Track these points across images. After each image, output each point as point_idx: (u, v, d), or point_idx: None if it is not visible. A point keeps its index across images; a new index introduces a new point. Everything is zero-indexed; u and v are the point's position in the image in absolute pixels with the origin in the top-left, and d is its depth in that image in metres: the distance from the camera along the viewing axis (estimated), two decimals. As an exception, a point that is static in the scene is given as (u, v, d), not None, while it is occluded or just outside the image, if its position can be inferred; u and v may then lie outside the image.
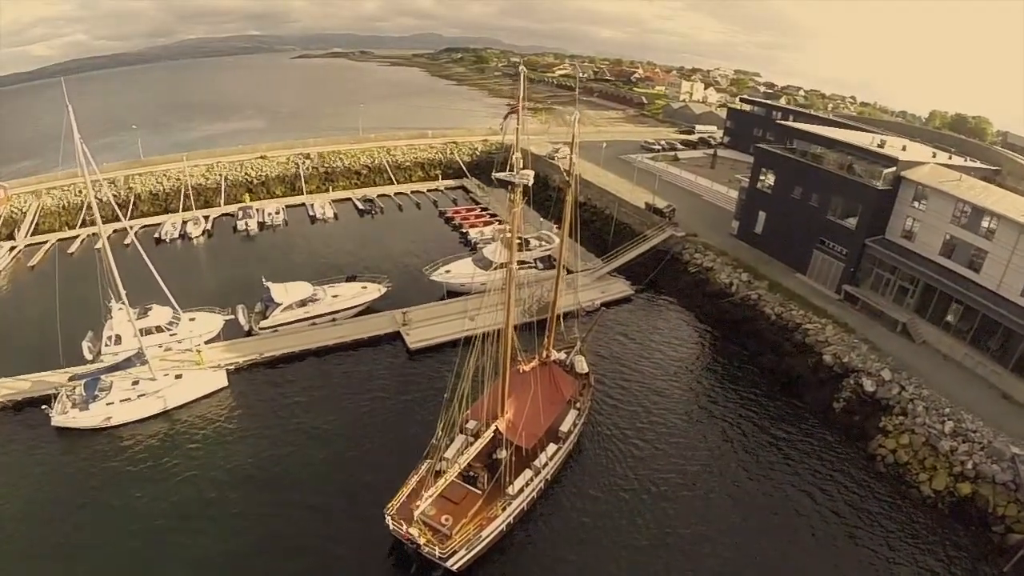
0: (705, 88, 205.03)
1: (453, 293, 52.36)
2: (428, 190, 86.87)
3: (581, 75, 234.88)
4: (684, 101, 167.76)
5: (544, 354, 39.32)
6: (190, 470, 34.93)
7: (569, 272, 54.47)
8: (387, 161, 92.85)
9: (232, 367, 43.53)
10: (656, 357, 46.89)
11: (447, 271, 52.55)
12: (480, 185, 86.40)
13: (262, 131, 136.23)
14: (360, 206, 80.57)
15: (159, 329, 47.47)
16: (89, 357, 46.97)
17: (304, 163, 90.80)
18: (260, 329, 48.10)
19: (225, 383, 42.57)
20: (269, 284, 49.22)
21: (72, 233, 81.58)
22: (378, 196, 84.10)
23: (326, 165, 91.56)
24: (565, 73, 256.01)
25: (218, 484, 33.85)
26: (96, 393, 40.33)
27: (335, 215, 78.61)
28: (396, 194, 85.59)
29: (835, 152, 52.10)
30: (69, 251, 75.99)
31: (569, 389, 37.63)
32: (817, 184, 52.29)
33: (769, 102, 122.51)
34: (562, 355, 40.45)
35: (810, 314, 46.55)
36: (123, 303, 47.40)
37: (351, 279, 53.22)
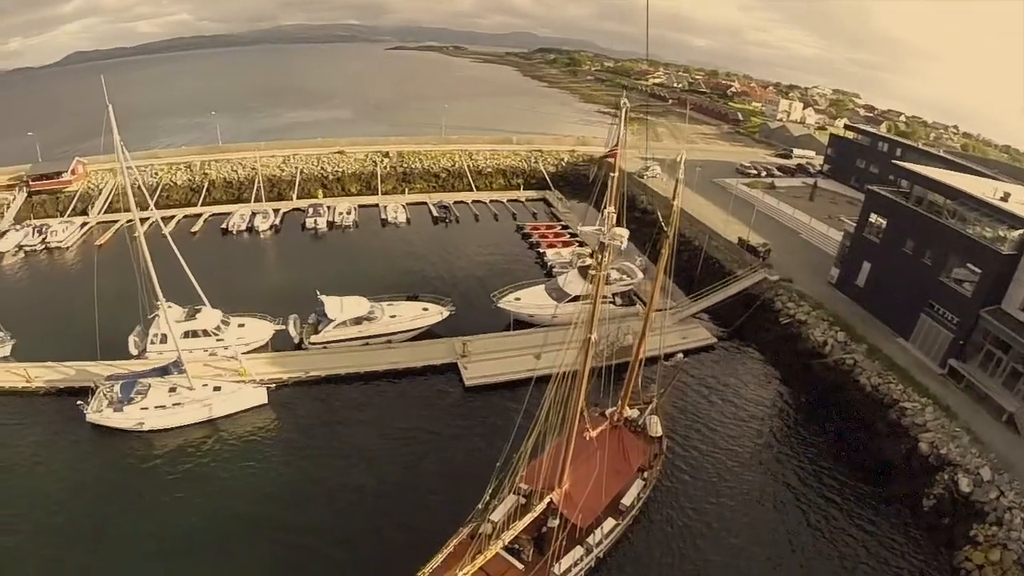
0: (804, 108, 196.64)
1: (520, 323, 50.16)
2: (508, 200, 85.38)
3: (675, 85, 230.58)
4: (781, 121, 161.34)
5: (617, 417, 36.29)
6: (214, 487, 35.28)
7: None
8: (468, 165, 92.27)
9: (273, 384, 42.90)
10: (735, 420, 43.59)
11: (516, 298, 50.25)
12: (562, 199, 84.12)
13: (347, 122, 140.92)
14: (435, 212, 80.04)
15: (205, 333, 47.89)
16: (134, 352, 48.25)
17: (382, 161, 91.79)
18: (310, 344, 47.58)
19: (265, 400, 42.25)
20: (323, 297, 48.63)
21: (142, 215, 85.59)
22: (455, 202, 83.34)
23: (404, 165, 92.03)
24: (659, 82, 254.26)
25: (238, 507, 33.72)
26: (132, 396, 41.32)
27: (408, 219, 78.40)
28: (474, 201, 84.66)
29: (955, 203, 47.07)
30: (136, 234, 79.85)
31: (639, 457, 34.64)
32: (932, 239, 47.50)
33: (875, 131, 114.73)
34: (635, 412, 37.52)
35: (910, 390, 42.51)
36: (164, 302, 48.38)
37: (413, 298, 51.83)
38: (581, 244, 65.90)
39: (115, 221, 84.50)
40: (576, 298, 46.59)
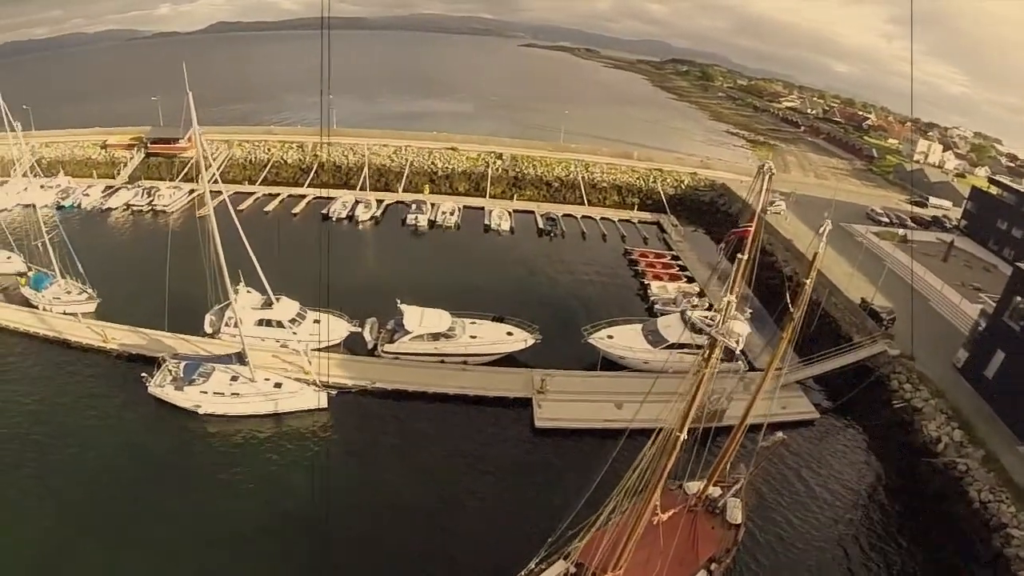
0: (943, 151, 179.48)
1: (609, 363, 47.45)
2: (619, 219, 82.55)
3: (809, 111, 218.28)
4: (919, 163, 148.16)
5: (695, 501, 32.78)
6: (257, 480, 36.74)
7: (751, 369, 47.51)
8: (583, 177, 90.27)
9: (335, 391, 42.69)
10: (822, 514, 39.24)
11: (608, 336, 47.34)
12: (676, 225, 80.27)
13: (466, 116, 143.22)
14: (541, 223, 78.60)
15: (279, 324, 48.94)
16: (209, 331, 50.17)
17: (494, 163, 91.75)
18: (383, 352, 47.34)
19: (324, 404, 42.26)
20: (403, 307, 48.28)
21: (249, 189, 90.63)
22: (563, 215, 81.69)
23: (517, 169, 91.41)
24: (792, 106, 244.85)
25: (277, 504, 34.81)
26: (194, 377, 43.19)
27: (512, 228, 77.44)
28: (583, 217, 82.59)
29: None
30: (240, 207, 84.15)
31: (710, 548, 30.91)
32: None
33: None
34: (715, 490, 33.90)
35: (1021, 515, 36.63)
36: (243, 286, 50.70)
37: (498, 320, 50.27)
38: (690, 280, 62.42)
39: (224, 193, 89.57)
40: (674, 345, 44.15)
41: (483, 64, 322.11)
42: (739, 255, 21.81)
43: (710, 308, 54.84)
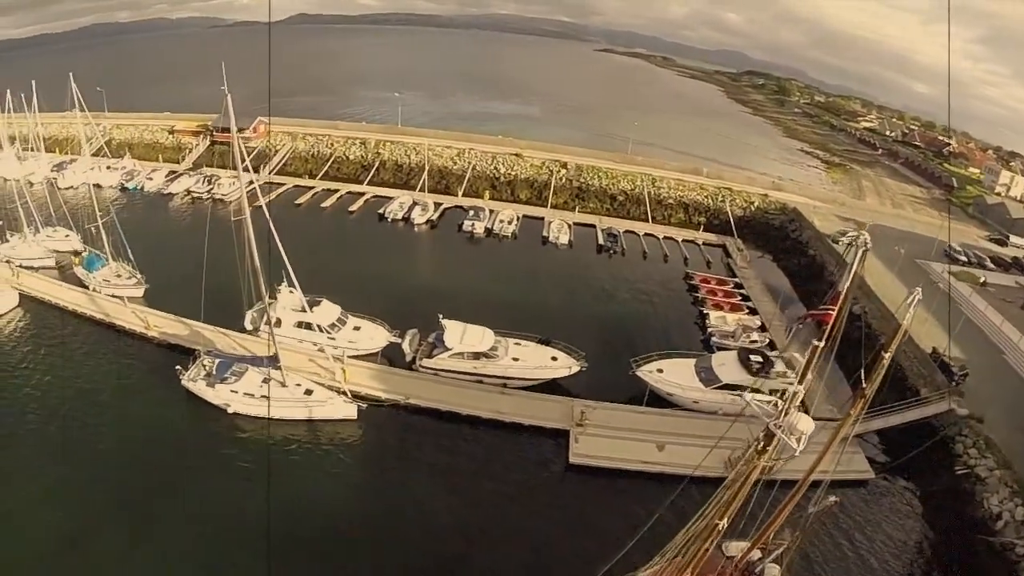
0: None
1: (656, 398, 45.04)
2: (683, 240, 79.66)
3: (887, 133, 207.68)
4: (1000, 196, 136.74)
5: (736, 566, 30.30)
6: (276, 486, 35.76)
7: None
8: (649, 192, 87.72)
9: (364, 405, 42.15)
10: None
11: (659, 370, 44.93)
12: (743, 250, 76.55)
13: (534, 120, 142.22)
14: (601, 239, 76.45)
15: (319, 329, 48.73)
16: (249, 328, 50.44)
17: (558, 172, 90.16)
18: (421, 367, 46.48)
19: (354, 416, 41.82)
20: (445, 322, 47.33)
21: (308, 183, 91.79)
22: (625, 231, 79.39)
23: (581, 180, 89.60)
24: (870, 127, 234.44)
25: (295, 514, 34.79)
26: (226, 375, 43.84)
27: (570, 242, 75.58)
28: (645, 234, 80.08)
29: None
30: (297, 201, 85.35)
31: None
32: None
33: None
34: (755, 552, 31.27)
35: None
36: (285, 286, 50.78)
37: (544, 342, 48.39)
38: (751, 311, 59.06)
39: (282, 185, 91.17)
40: (727, 386, 41.92)
41: (556, 67, 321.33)
42: (814, 341, 19.38)
43: (770, 345, 51.81)
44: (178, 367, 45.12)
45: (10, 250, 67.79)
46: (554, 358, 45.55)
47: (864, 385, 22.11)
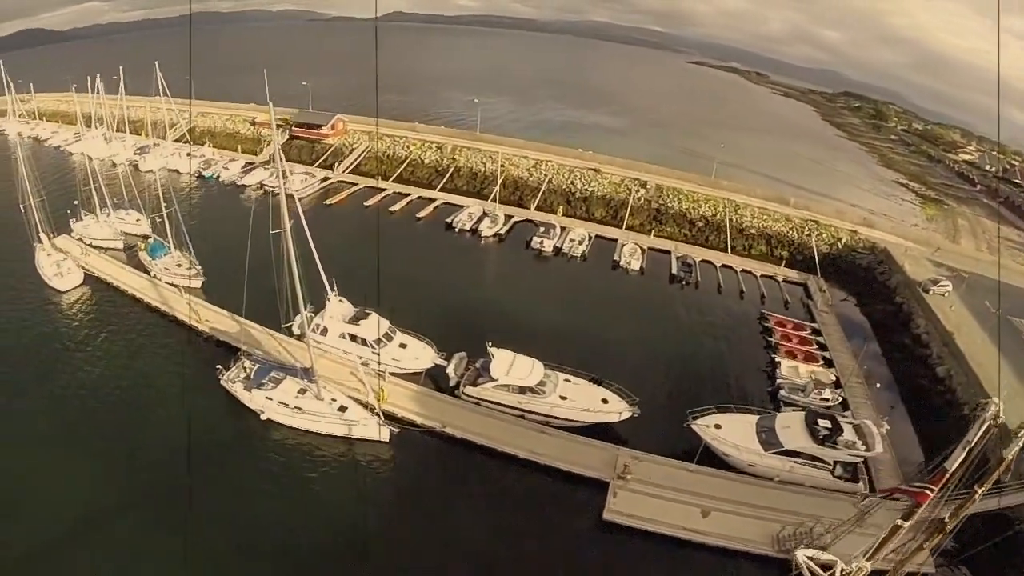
0: None
1: (710, 455, 41.82)
2: (762, 275, 74.89)
3: (987, 167, 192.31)
4: None
5: None
6: (299, 498, 37.74)
7: (872, 490, 39.60)
8: (730, 219, 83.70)
9: (397, 429, 41.36)
10: None
11: (716, 425, 41.63)
12: (825, 291, 71.06)
13: (617, 133, 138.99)
14: (675, 267, 73.00)
15: (364, 342, 48.36)
16: (296, 332, 50.39)
17: (637, 191, 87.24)
18: (463, 394, 45.21)
19: (385, 439, 41.26)
20: (493, 350, 45.83)
21: (381, 185, 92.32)
22: (701, 260, 75.75)
23: (660, 201, 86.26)
24: (969, 160, 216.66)
25: (310, 533, 35.40)
26: (264, 381, 44.20)
27: (642, 268, 72.53)
28: (723, 266, 75.93)
29: None
30: (366, 203, 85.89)
31: None
32: None
33: None
34: None
35: None
36: (336, 296, 50.87)
37: (596, 382, 45.89)
38: (827, 363, 54.31)
39: (354, 185, 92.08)
40: (788, 452, 38.83)
41: (646, 78, 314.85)
42: (899, 521, 16.85)
43: (843, 405, 47.64)
44: (219, 367, 46.41)
45: (83, 228, 70.80)
46: (605, 400, 42.98)
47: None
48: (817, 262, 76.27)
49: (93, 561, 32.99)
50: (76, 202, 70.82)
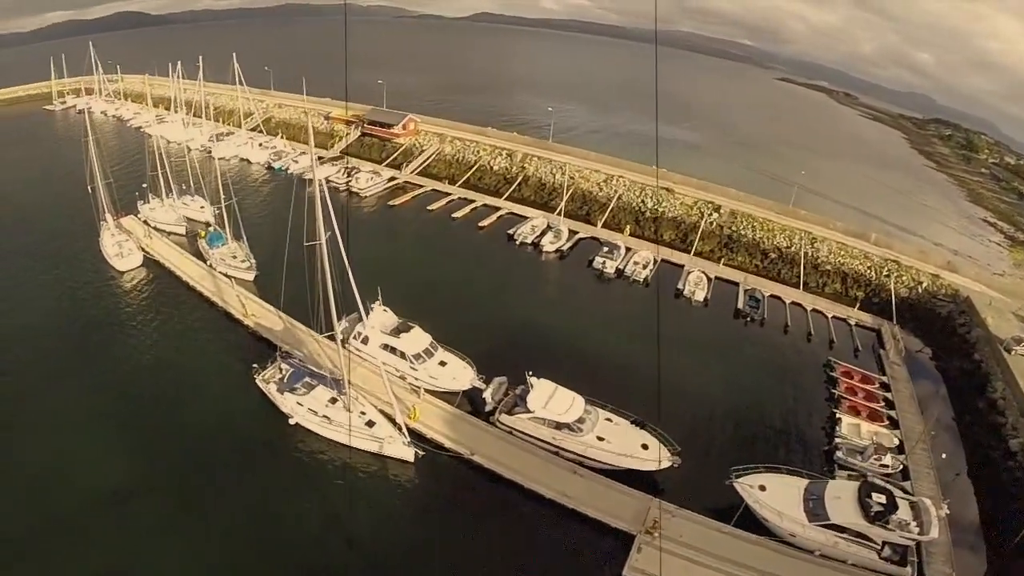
0: None
1: (749, 517, 38.76)
2: (833, 316, 69.45)
3: None
4: None
5: None
6: (317, 508, 38.15)
7: None
8: (806, 253, 78.85)
9: (421, 452, 40.33)
10: None
11: (760, 486, 38.38)
12: (899, 339, 64.97)
13: (693, 149, 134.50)
14: (741, 301, 68.79)
15: (402, 356, 47.48)
16: (340, 337, 50.00)
17: (709, 216, 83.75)
18: (498, 422, 43.56)
19: (411, 458, 40.26)
20: (533, 380, 43.94)
21: (447, 189, 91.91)
22: (770, 295, 71.16)
23: (733, 228, 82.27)
24: None
25: (322, 540, 35.97)
26: (296, 386, 44.19)
27: (706, 299, 68.72)
28: (792, 303, 70.97)
29: None
30: (430, 207, 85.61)
31: None
32: None
33: None
34: None
35: None
36: (380, 305, 50.40)
37: (639, 424, 43.31)
38: (892, 423, 49.62)
39: (421, 187, 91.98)
40: (835, 527, 35.44)
41: (731, 93, 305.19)
42: None
43: (903, 474, 43.48)
44: (255, 365, 46.83)
45: (149, 211, 72.92)
46: (645, 446, 40.32)
47: None
48: (894, 307, 70.64)
49: (115, 535, 35.14)
50: (145, 185, 72.99)
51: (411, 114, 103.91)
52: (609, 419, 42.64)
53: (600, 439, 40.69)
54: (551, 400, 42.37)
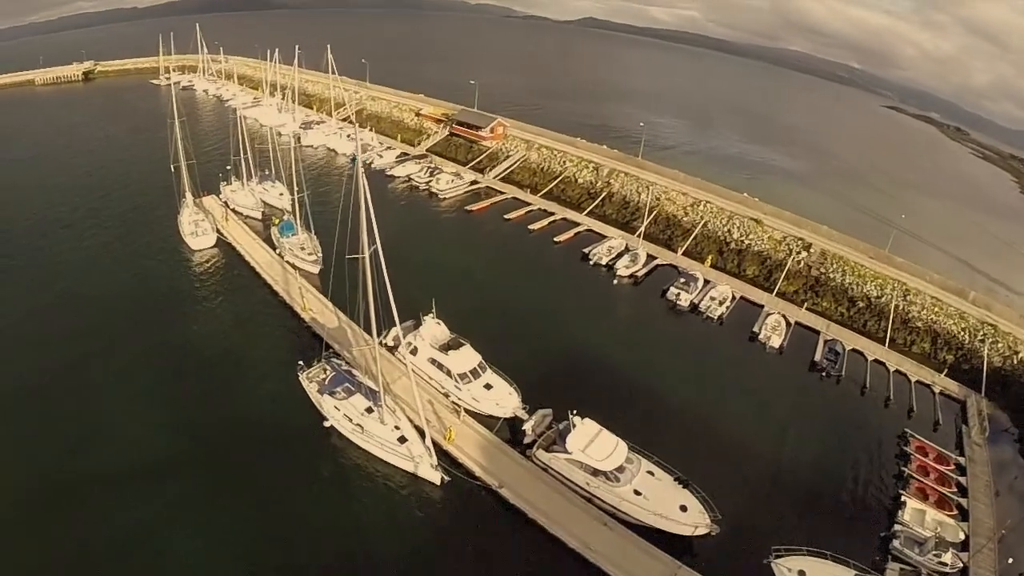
0: None
1: None
2: (917, 381, 62.69)
3: None
4: None
5: None
6: (346, 514, 38.67)
7: None
8: (897, 305, 72.69)
9: (448, 478, 39.49)
10: None
11: (800, 572, 35.02)
12: (984, 414, 58.03)
13: (793, 178, 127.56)
14: (820, 352, 63.72)
15: (448, 374, 46.75)
16: (390, 343, 49.83)
17: (798, 254, 78.99)
18: (534, 457, 41.81)
19: (437, 482, 39.36)
20: (576, 420, 41.62)
21: (527, 198, 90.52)
22: (851, 349, 65.58)
23: (821, 269, 77.02)
24: None
25: (339, 544, 36.53)
26: (336, 389, 44.15)
27: (782, 347, 63.64)
28: (874, 361, 64.89)
29: None
30: (508, 215, 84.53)
31: None
32: None
33: None
34: None
35: None
36: (433, 318, 49.81)
37: (682, 483, 40.22)
38: (962, 513, 44.46)
39: (502, 193, 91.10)
40: None
41: (834, 117, 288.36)
42: None
43: (963, 573, 38.81)
44: (300, 362, 47.36)
45: (230, 192, 74.94)
46: (684, 507, 37.41)
47: None
48: (984, 376, 63.36)
49: (144, 502, 37.36)
50: (229, 167, 75.05)
51: (500, 117, 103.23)
52: (651, 472, 40.03)
53: (637, 493, 38.15)
54: (592, 443, 40.06)
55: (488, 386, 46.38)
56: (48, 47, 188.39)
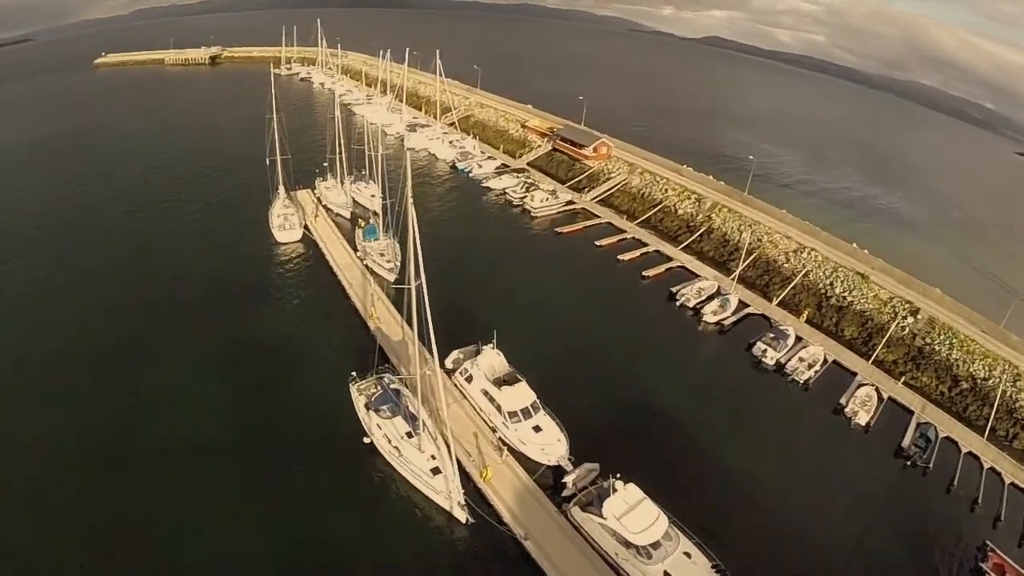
0: None
1: None
2: (1011, 483, 54.44)
3: None
4: None
5: None
6: (360, 531, 39.17)
7: None
8: (1004, 391, 64.10)
9: (472, 520, 38.58)
10: None
11: None
12: None
13: (910, 228, 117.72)
14: (909, 437, 56.78)
15: (498, 409, 45.82)
16: (449, 366, 50.25)
17: (903, 319, 72.57)
18: (569, 513, 39.99)
19: (462, 520, 38.53)
20: (617, 484, 39.36)
21: (622, 224, 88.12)
22: (944, 437, 58.32)
23: (927, 340, 70.36)
24: None
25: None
26: (382, 407, 44.50)
27: (869, 424, 57.37)
28: (968, 454, 57.11)
29: None
30: (599, 242, 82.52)
31: None
32: None
33: None
34: None
35: None
36: (493, 347, 49.23)
37: (720, 572, 36.68)
38: None
39: (597, 217, 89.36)
40: None
41: (960, 162, 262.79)
42: None
43: None
44: (353, 373, 47.94)
45: (324, 188, 77.00)
46: None
47: None
48: None
49: (184, 483, 40.04)
50: (325, 164, 77.09)
51: (605, 136, 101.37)
52: (688, 553, 37.15)
53: (667, 575, 36.09)
54: (630, 512, 37.65)
55: (537, 428, 44.91)
56: (180, 30, 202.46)
